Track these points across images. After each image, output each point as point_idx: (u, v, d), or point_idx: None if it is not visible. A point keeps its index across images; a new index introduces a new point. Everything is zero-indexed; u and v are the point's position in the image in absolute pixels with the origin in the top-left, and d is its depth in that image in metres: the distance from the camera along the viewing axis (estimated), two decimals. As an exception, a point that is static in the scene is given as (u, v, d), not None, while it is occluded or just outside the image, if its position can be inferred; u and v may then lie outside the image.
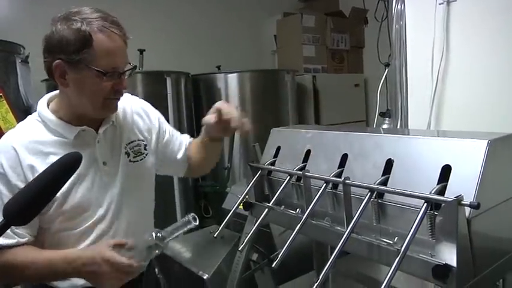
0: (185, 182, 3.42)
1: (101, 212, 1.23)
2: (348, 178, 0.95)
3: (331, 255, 1.51)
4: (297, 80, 3.99)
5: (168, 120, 2.97)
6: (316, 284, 0.84)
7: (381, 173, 0.95)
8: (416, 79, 1.78)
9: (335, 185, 1.02)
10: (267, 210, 1.08)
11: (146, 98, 1.44)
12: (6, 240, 1.12)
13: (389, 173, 0.93)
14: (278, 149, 1.24)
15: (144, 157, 1.34)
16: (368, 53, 4.85)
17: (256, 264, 1.65)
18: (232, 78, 3.54)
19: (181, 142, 1.52)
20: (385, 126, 2.02)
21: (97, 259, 1.10)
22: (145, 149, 1.35)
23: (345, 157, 1.04)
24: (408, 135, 1.15)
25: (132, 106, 1.39)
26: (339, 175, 1.01)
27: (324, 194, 1.00)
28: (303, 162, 1.13)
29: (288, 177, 1.11)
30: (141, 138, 1.36)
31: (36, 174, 0.89)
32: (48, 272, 1.14)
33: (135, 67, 1.26)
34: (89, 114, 1.21)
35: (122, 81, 1.19)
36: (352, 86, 4.57)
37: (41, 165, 1.12)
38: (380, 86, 1.94)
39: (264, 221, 1.10)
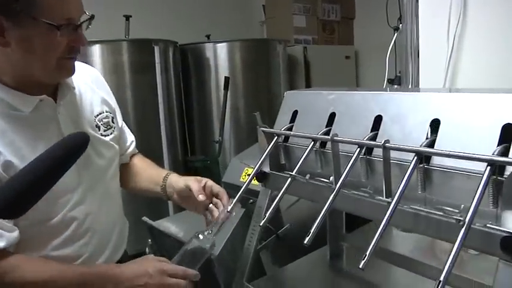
0: (175, 157, 3.28)
1: (75, 197, 1.06)
2: (388, 141, 0.83)
3: (347, 229, 1.44)
4: (288, 51, 3.85)
5: (156, 91, 2.83)
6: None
7: (425, 135, 0.84)
8: (430, 43, 1.67)
9: (369, 151, 0.91)
10: (290, 179, 0.95)
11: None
12: None
13: (436, 135, 0.82)
14: (295, 113, 1.12)
15: (113, 131, 1.19)
16: (359, 24, 4.74)
17: (262, 241, 1.54)
18: (222, 48, 3.38)
19: (131, 142, 1.35)
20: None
21: (148, 270, 0.97)
22: (113, 122, 1.20)
23: (378, 119, 0.92)
24: (456, 92, 1.03)
25: (90, 73, 1.21)
26: (373, 139, 0.90)
27: (357, 160, 0.89)
28: (326, 127, 1.01)
29: (312, 142, 0.99)
30: (108, 109, 1.19)
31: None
32: None
33: (92, 16, 1.02)
34: (39, 79, 0.99)
35: (79, 36, 0.98)
36: (343, 58, 4.45)
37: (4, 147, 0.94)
38: (389, 52, 1.82)
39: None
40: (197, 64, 3.41)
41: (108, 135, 1.17)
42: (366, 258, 0.70)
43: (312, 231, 0.82)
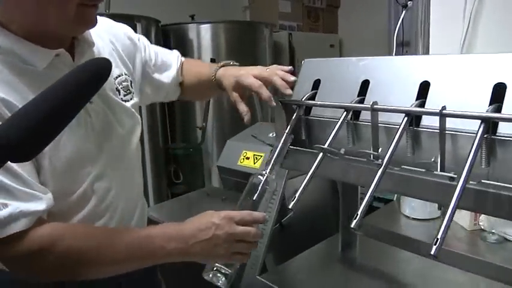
0: (155, 144, 3.09)
1: (96, 170, 0.90)
2: (444, 108, 0.71)
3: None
4: (273, 37, 3.71)
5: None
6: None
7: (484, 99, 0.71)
8: (443, 21, 1.56)
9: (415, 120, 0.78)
10: (321, 155, 0.81)
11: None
12: (32, 205, 0.76)
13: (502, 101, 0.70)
14: (317, 83, 0.98)
15: (133, 96, 1.03)
16: (343, 13, 4.66)
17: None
18: (206, 30, 3.20)
19: (171, 64, 1.19)
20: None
21: (214, 221, 0.84)
22: (131, 87, 1.03)
23: (425, 86, 0.79)
24: None
25: (107, 26, 1.03)
26: (421, 107, 0.77)
27: (403, 132, 0.75)
28: (359, 96, 0.88)
29: (344, 113, 0.85)
30: (126, 72, 1.03)
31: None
32: (140, 254, 0.83)
33: None
34: (54, 30, 0.83)
35: None
36: (328, 47, 4.35)
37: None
38: (397, 30, 1.71)
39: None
40: (180, 46, 3.21)
41: (128, 100, 1.00)
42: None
43: (358, 214, 0.67)
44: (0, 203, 0.74)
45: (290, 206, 0.79)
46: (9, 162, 0.54)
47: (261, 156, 1.47)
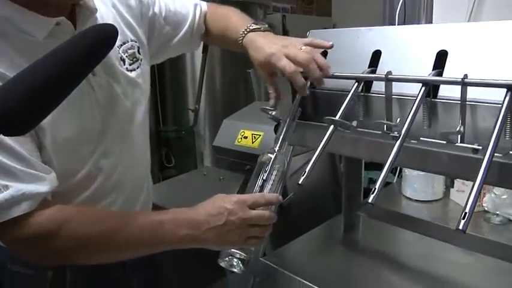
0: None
1: (102, 147, 0.84)
2: (466, 76, 0.66)
3: (365, 192, 1.27)
4: (267, 19, 3.64)
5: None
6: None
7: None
8: None
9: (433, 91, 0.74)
10: (332, 127, 0.77)
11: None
12: (35, 187, 0.71)
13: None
14: (323, 54, 0.92)
15: (140, 64, 0.95)
16: (337, -4, 4.60)
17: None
18: (199, 9, 3.11)
19: (186, 14, 1.07)
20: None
21: (226, 206, 0.78)
22: (139, 53, 0.95)
23: (442, 55, 0.75)
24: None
25: None
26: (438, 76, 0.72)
27: (421, 103, 0.71)
28: (369, 67, 0.83)
29: (355, 84, 0.80)
30: (133, 38, 0.94)
31: None
32: (151, 240, 0.78)
33: None
34: None
35: None
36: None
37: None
38: (399, 6, 1.65)
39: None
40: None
41: (134, 69, 0.92)
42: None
43: (376, 188, 0.63)
44: (0, 185, 0.69)
45: (300, 182, 0.75)
46: (9, 141, 0.49)
47: (260, 135, 1.42)
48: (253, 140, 1.45)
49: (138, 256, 0.82)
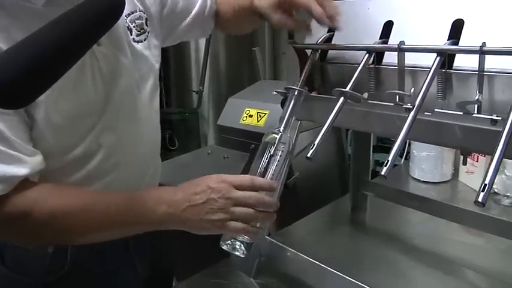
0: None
1: (103, 120, 0.80)
2: (485, 44, 0.63)
3: (372, 174, 1.25)
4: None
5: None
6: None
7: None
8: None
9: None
10: (342, 99, 0.73)
11: None
12: (13, 169, 0.67)
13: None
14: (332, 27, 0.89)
15: (147, 36, 0.90)
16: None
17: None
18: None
19: None
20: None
21: (209, 184, 0.72)
22: (146, 25, 0.90)
23: (458, 25, 0.71)
24: None
25: None
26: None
27: (435, 74, 0.67)
28: (381, 38, 0.79)
29: (366, 55, 0.77)
30: (141, 8, 0.89)
31: None
32: (130, 217, 0.73)
33: None
34: None
35: None
36: None
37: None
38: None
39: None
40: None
41: (141, 41, 0.88)
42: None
43: (389, 161, 0.60)
44: None
45: (309, 155, 0.72)
46: None
47: (265, 113, 1.39)
48: (259, 119, 1.42)
49: (123, 235, 0.79)
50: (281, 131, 0.84)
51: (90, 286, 0.88)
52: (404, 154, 1.60)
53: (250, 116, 1.44)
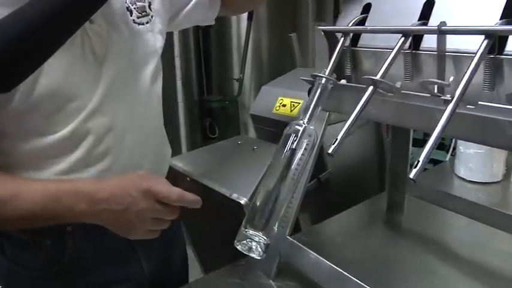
0: (189, 95, 2.98)
1: (93, 103, 0.75)
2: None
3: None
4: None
5: None
6: None
7: None
8: None
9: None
10: (371, 88, 0.65)
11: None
12: None
13: None
14: (367, 7, 0.80)
15: (151, 19, 0.85)
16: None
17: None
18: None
19: None
20: None
21: (130, 191, 0.68)
22: (150, 9, 0.86)
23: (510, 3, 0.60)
24: None
25: None
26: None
27: (482, 59, 0.57)
28: (420, 19, 0.70)
29: (402, 39, 0.67)
30: None
31: None
32: (42, 211, 0.68)
33: None
34: None
35: None
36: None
37: None
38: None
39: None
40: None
41: (143, 23, 0.83)
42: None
43: (420, 162, 0.51)
44: None
45: (330, 151, 0.64)
46: None
47: (299, 103, 1.31)
48: (292, 108, 1.34)
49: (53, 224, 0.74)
50: (305, 122, 0.77)
51: (91, 282, 0.84)
52: (451, 150, 1.47)
53: (284, 105, 1.36)
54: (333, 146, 0.63)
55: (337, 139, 0.63)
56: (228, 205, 1.07)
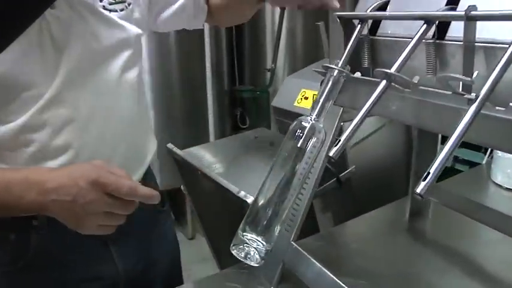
0: (220, 85, 2.92)
1: (50, 92, 0.70)
2: None
3: (440, 176, 1.04)
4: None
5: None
6: None
7: None
8: None
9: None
10: (384, 82, 0.56)
11: None
12: None
13: None
14: (390, -9, 0.70)
15: (127, 7, 0.79)
16: None
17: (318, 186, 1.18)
18: None
19: None
20: None
21: (78, 182, 0.62)
22: None
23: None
24: None
25: None
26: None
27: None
28: (448, 5, 0.60)
29: (424, 26, 0.58)
30: None
31: None
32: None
33: None
34: None
35: None
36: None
37: None
38: None
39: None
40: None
41: (116, 10, 0.78)
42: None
43: (430, 174, 0.43)
44: None
45: (331, 154, 0.56)
46: None
47: (321, 96, 1.23)
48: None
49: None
50: (313, 119, 0.69)
51: (59, 279, 0.80)
52: (488, 152, 1.34)
53: (306, 98, 1.28)
54: (335, 149, 0.55)
55: (340, 140, 0.55)
56: (235, 202, 1.00)
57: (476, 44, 0.54)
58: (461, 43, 0.54)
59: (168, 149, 1.30)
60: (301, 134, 0.69)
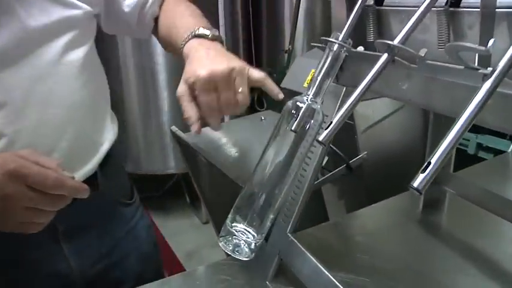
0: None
1: None
2: None
3: (457, 165, 0.96)
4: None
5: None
6: None
7: None
8: None
9: None
10: (386, 56, 0.49)
11: None
12: None
13: None
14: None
15: None
16: None
17: (327, 172, 1.11)
18: None
19: None
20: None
21: (4, 169, 0.55)
22: None
23: None
24: None
25: None
26: None
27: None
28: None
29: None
30: None
31: None
32: None
33: None
34: None
35: None
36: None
37: None
38: None
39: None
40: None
41: None
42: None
43: (431, 164, 0.36)
44: None
45: (320, 138, 0.49)
46: None
47: (332, 77, 1.15)
48: (323, 83, 1.18)
49: None
50: (309, 99, 0.63)
51: (10, 277, 0.76)
52: (515, 140, 1.25)
53: (315, 79, 1.20)
54: (325, 132, 0.48)
55: (331, 122, 0.48)
56: (234, 188, 0.94)
57: (497, 10, 0.45)
58: (479, 10, 0.46)
59: (172, 131, 1.25)
60: (296, 116, 0.62)
